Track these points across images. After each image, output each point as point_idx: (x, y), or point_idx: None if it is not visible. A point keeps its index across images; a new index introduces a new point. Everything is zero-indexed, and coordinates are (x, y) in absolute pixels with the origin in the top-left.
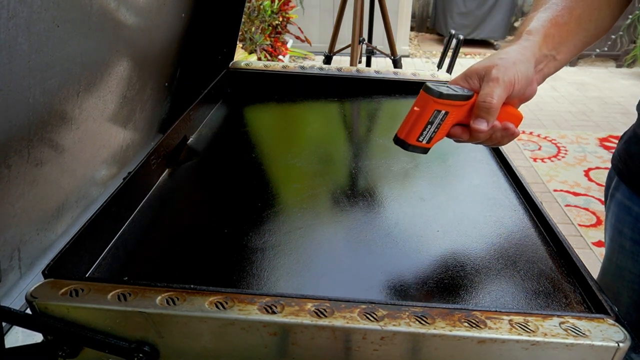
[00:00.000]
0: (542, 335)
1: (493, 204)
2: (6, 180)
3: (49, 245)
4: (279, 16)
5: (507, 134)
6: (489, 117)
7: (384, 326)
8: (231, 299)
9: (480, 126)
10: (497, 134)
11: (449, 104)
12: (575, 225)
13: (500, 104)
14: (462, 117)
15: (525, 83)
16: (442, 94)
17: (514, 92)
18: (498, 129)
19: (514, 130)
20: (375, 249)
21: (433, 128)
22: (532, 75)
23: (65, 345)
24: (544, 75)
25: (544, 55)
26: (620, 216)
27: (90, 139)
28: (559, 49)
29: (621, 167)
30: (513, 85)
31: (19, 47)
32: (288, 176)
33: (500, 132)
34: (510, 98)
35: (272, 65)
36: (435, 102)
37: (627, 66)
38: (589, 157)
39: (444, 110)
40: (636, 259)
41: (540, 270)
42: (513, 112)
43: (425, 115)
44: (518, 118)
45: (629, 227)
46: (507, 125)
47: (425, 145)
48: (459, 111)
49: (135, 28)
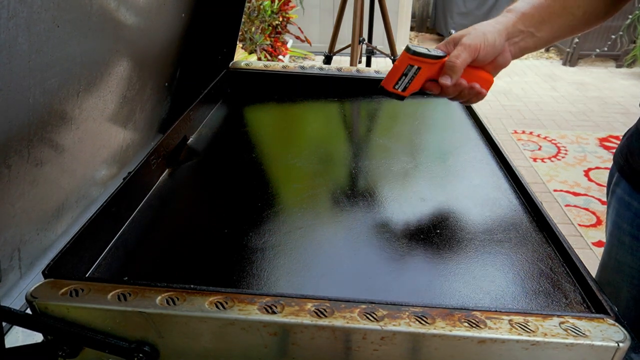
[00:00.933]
0: (542, 335)
1: (493, 204)
2: (6, 180)
3: (49, 245)
4: (279, 16)
5: (474, 93)
6: (453, 75)
7: (384, 326)
8: (231, 299)
9: (445, 81)
10: (465, 92)
11: (421, 60)
12: (575, 225)
13: (464, 65)
14: (435, 74)
15: (492, 51)
16: (415, 52)
17: (480, 57)
18: (465, 87)
19: (479, 90)
20: (375, 249)
21: (407, 79)
22: (501, 46)
23: (65, 345)
24: (521, 48)
25: (519, 31)
26: (620, 211)
27: (90, 139)
28: (539, 27)
29: (622, 162)
30: (478, 50)
31: (19, 47)
32: (288, 176)
33: (467, 90)
34: (477, 62)
35: (272, 65)
36: (409, 58)
37: (627, 66)
38: (589, 157)
39: (417, 65)
40: (635, 254)
41: (540, 270)
42: (483, 75)
43: (400, 68)
44: (488, 81)
45: (628, 223)
46: (473, 85)
47: (400, 92)
48: (431, 68)
49: (135, 28)
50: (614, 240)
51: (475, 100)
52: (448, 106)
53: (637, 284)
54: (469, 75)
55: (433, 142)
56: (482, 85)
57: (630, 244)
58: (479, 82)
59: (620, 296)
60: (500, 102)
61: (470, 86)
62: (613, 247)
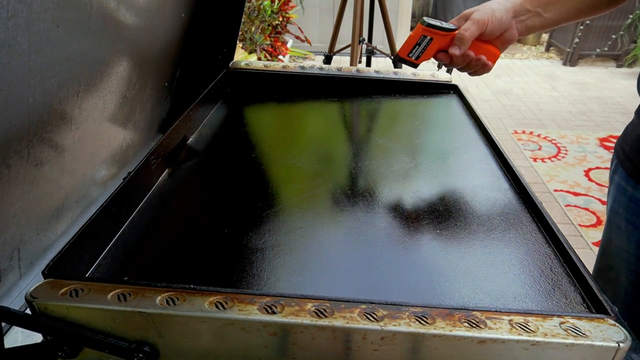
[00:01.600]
0: (542, 336)
1: (493, 204)
2: (6, 180)
3: (49, 245)
4: (279, 16)
5: (480, 64)
6: (462, 46)
7: (384, 326)
8: (231, 299)
9: (454, 51)
10: (473, 63)
11: (433, 32)
12: (575, 225)
13: (472, 38)
14: (446, 46)
15: (499, 26)
16: (429, 24)
17: (487, 31)
18: (473, 58)
19: (485, 62)
20: (375, 249)
21: (420, 49)
22: (508, 22)
23: (65, 346)
24: (527, 26)
25: (526, 10)
26: (617, 197)
27: (90, 139)
28: (547, 8)
29: (619, 149)
30: (486, 25)
31: (18, 47)
32: (288, 176)
33: (475, 61)
34: (485, 36)
35: (272, 65)
36: (423, 29)
37: (628, 66)
38: (589, 157)
39: (429, 36)
40: (631, 238)
41: (540, 270)
42: (490, 49)
43: (415, 38)
44: (494, 55)
45: (624, 208)
46: (480, 57)
47: (414, 60)
48: (442, 40)
49: (135, 28)
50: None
51: (481, 72)
52: (448, 106)
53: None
54: (477, 48)
55: (433, 142)
56: (489, 58)
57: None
58: (486, 55)
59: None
60: (500, 102)
61: (478, 58)
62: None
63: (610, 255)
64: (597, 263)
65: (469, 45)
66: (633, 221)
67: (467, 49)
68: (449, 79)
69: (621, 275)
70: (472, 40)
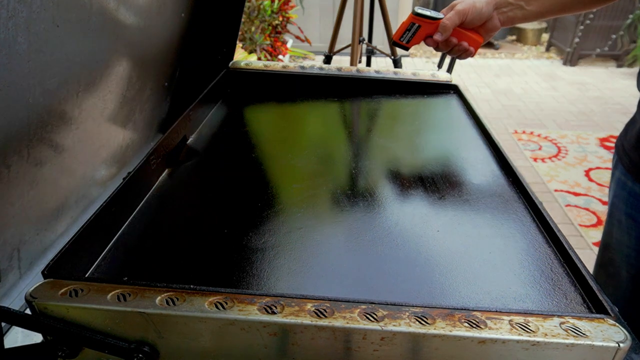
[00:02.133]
0: (542, 336)
1: (493, 204)
2: (6, 180)
3: (49, 245)
4: (279, 16)
5: (462, 49)
6: (444, 32)
7: (384, 326)
8: (231, 299)
9: (437, 37)
10: (455, 48)
11: (421, 20)
12: (575, 225)
13: (453, 26)
14: (433, 32)
15: (478, 16)
16: (417, 13)
17: (467, 20)
18: (455, 43)
19: (467, 48)
20: (375, 249)
21: (410, 34)
22: (489, 13)
23: (65, 346)
24: (509, 17)
25: (507, 3)
26: (617, 191)
27: (90, 139)
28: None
29: (619, 145)
30: (466, 15)
31: (18, 47)
32: (288, 176)
33: (457, 46)
34: (466, 24)
35: (272, 65)
36: (412, 17)
37: (628, 66)
38: (589, 157)
39: (417, 23)
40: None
41: (541, 270)
42: (472, 36)
43: (405, 24)
44: (476, 42)
45: (623, 202)
46: (462, 43)
47: (404, 44)
48: (429, 27)
49: (135, 28)
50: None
51: (464, 56)
52: (448, 106)
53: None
54: (459, 35)
55: (433, 142)
56: (471, 44)
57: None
58: (468, 41)
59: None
60: (500, 102)
61: (459, 43)
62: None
63: (611, 250)
64: (598, 259)
65: (451, 32)
66: (633, 215)
67: (450, 36)
68: (449, 79)
69: (622, 270)
70: (455, 28)
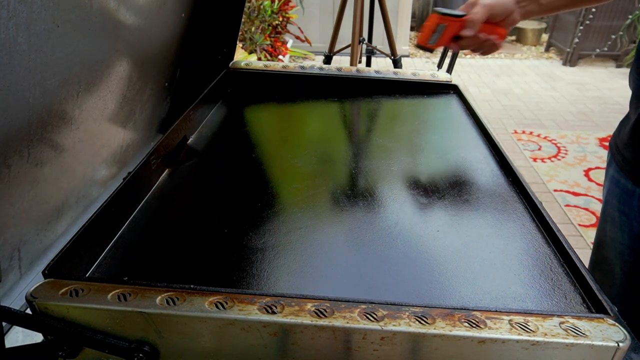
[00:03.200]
0: (542, 335)
1: (493, 204)
2: (6, 180)
3: (49, 245)
4: (279, 16)
5: (489, 43)
6: (473, 27)
7: (384, 326)
8: (231, 299)
9: (466, 32)
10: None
11: (447, 19)
12: (575, 225)
13: (481, 20)
14: (458, 30)
15: (502, 10)
16: (442, 12)
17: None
18: (483, 39)
19: (494, 41)
20: (375, 249)
21: (437, 35)
22: (511, 7)
23: (65, 345)
24: (527, 11)
25: None
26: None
27: (90, 139)
28: None
29: (612, 143)
30: (492, 9)
31: (18, 47)
32: (288, 176)
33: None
34: (492, 18)
35: (272, 65)
36: (438, 18)
37: (627, 66)
38: (589, 157)
39: (444, 23)
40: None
41: (541, 270)
42: (497, 30)
43: (432, 27)
44: (501, 35)
45: (616, 199)
46: (489, 37)
47: (431, 46)
48: (455, 25)
49: (135, 28)
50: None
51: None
52: (448, 106)
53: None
54: (486, 29)
55: (433, 142)
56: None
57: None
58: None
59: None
60: (500, 102)
61: (487, 38)
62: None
63: (604, 247)
64: (592, 256)
65: (479, 27)
66: (626, 212)
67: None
68: (449, 79)
69: (615, 267)
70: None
